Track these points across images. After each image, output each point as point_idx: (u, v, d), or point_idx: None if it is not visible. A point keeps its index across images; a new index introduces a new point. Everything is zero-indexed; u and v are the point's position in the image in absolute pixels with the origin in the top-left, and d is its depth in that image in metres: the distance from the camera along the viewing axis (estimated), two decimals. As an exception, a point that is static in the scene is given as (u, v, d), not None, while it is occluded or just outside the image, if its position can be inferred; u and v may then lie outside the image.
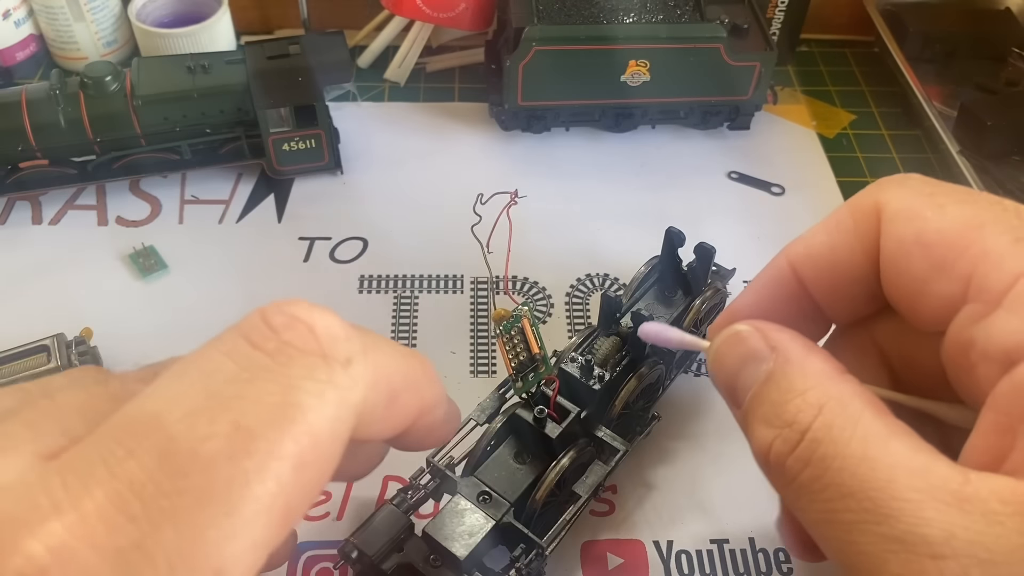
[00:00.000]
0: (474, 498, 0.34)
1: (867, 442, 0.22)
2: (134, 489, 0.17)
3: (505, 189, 0.55)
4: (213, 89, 0.52)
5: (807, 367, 0.25)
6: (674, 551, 0.39)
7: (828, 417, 0.23)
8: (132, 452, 0.17)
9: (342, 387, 0.20)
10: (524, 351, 0.35)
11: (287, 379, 0.19)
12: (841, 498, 0.22)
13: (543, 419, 0.35)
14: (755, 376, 0.26)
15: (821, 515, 0.23)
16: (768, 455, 0.24)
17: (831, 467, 0.22)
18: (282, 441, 0.18)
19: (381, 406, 0.23)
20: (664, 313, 0.42)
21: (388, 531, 0.32)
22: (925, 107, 0.57)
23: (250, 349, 0.20)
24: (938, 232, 0.24)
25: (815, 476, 0.23)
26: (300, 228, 0.53)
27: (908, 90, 0.59)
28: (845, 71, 0.67)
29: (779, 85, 0.65)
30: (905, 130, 0.61)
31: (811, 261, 0.28)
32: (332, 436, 0.20)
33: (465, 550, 0.32)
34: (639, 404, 0.39)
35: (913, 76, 0.59)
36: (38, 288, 0.49)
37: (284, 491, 0.18)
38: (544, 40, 0.54)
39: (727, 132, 0.60)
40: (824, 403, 0.23)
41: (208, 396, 0.18)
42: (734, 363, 0.27)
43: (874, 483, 0.21)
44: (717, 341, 0.28)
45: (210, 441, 0.18)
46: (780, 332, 0.26)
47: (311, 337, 0.20)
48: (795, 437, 0.23)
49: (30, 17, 0.62)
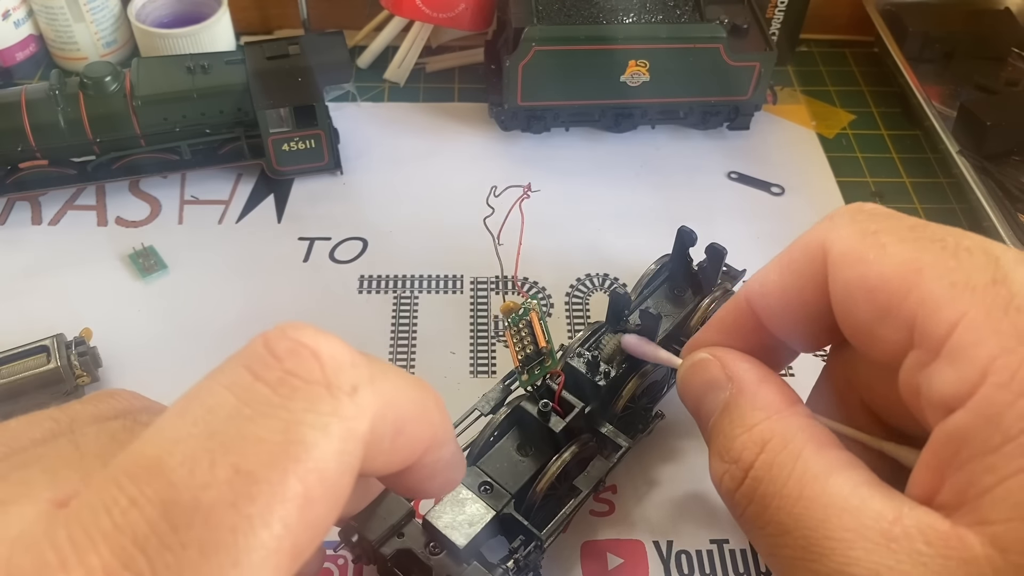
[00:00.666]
0: (475, 488, 0.35)
1: (803, 481, 0.23)
2: (138, 543, 0.16)
3: (517, 183, 0.55)
4: (213, 89, 0.52)
5: (758, 399, 0.26)
6: (674, 551, 0.39)
7: (769, 455, 0.24)
8: (135, 501, 0.17)
9: (348, 418, 0.20)
10: (531, 344, 0.35)
11: (290, 414, 0.19)
12: (781, 535, 0.23)
13: (547, 413, 0.36)
14: (715, 404, 0.27)
15: (766, 549, 0.24)
16: (720, 487, 0.26)
17: (770, 505, 0.23)
18: (286, 482, 0.18)
19: (388, 437, 0.22)
20: (672, 311, 0.42)
21: (389, 516, 0.32)
22: (925, 107, 0.57)
23: (252, 380, 0.19)
24: (880, 277, 0.24)
25: (757, 513, 0.24)
26: (300, 228, 0.53)
27: (908, 90, 0.59)
28: (845, 71, 0.67)
29: (779, 85, 0.65)
30: (905, 130, 0.61)
31: (765, 299, 0.29)
32: (339, 470, 0.19)
33: (464, 539, 0.32)
34: (643, 401, 0.39)
35: (913, 76, 0.59)
36: (38, 288, 0.49)
37: (291, 532, 0.18)
38: (544, 40, 0.54)
39: (727, 132, 0.60)
40: (768, 440, 0.24)
41: (209, 436, 0.18)
42: (697, 389, 0.28)
43: (808, 522, 0.22)
44: (683, 368, 0.29)
45: (211, 489, 0.17)
46: (738, 362, 0.27)
47: (316, 365, 0.20)
48: (740, 474, 0.25)
49: (30, 17, 0.62)
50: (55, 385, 0.41)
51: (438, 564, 0.32)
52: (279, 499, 0.18)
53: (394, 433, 0.22)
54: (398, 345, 0.46)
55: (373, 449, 0.21)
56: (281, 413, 0.19)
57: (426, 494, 0.28)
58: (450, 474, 0.27)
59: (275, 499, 0.18)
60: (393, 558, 0.32)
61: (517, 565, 0.33)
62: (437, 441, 0.24)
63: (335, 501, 0.19)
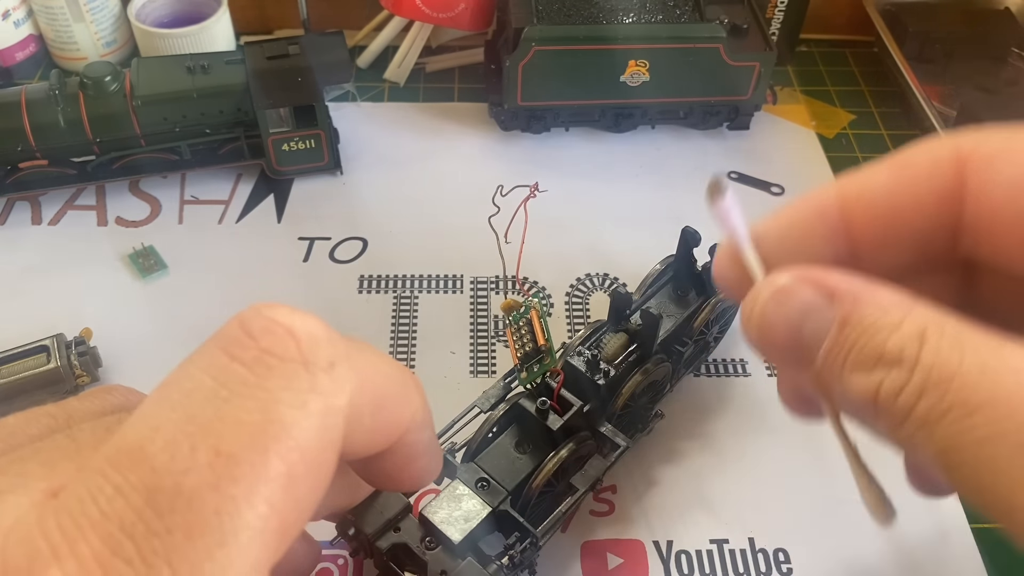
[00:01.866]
0: (472, 484, 0.35)
1: (980, 355, 0.21)
2: (125, 530, 0.17)
3: (518, 182, 0.55)
4: (212, 89, 0.52)
5: (885, 300, 0.23)
6: (674, 551, 0.39)
7: (933, 342, 0.21)
8: (119, 489, 0.17)
9: (326, 393, 0.20)
10: (530, 342, 0.36)
11: (267, 393, 0.19)
12: (968, 416, 0.20)
13: (545, 410, 0.36)
14: (821, 328, 0.23)
15: (946, 442, 0.21)
16: (876, 400, 0.22)
17: (950, 389, 0.21)
18: (267, 462, 0.18)
19: (368, 413, 0.22)
20: (676, 312, 0.42)
21: (386, 510, 0.32)
22: (924, 107, 0.57)
23: (228, 362, 0.19)
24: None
25: (933, 404, 0.21)
26: (300, 228, 0.53)
27: (908, 90, 0.59)
28: (844, 71, 0.67)
29: (778, 85, 0.65)
30: (905, 130, 0.61)
31: (867, 201, 0.25)
32: (321, 445, 0.19)
33: (460, 534, 0.33)
34: (643, 401, 0.39)
35: (913, 76, 0.59)
36: (38, 288, 0.49)
37: (276, 511, 0.18)
38: (544, 40, 0.54)
39: (727, 132, 0.60)
40: (923, 329, 0.22)
41: (188, 420, 0.18)
42: (791, 321, 0.24)
43: (1000, 392, 0.20)
44: (759, 304, 0.24)
45: (192, 473, 0.17)
46: (830, 275, 0.23)
47: (291, 343, 0.20)
48: (904, 374, 0.22)
49: (30, 17, 0.62)
50: (55, 385, 0.41)
51: (433, 558, 0.32)
52: (262, 479, 0.18)
53: (374, 409, 0.22)
54: (398, 345, 0.46)
55: (354, 425, 0.21)
56: (258, 393, 0.19)
57: (403, 483, 0.27)
58: (428, 461, 0.27)
59: (258, 479, 0.18)
60: (389, 552, 0.32)
61: (512, 561, 0.33)
62: (417, 422, 0.24)
63: (319, 478, 0.19)
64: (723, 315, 0.43)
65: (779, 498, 0.40)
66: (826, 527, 0.39)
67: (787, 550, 0.39)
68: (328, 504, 0.27)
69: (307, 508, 0.19)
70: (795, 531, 0.39)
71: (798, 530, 0.39)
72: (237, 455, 0.18)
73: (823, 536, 0.39)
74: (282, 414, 0.19)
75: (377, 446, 0.24)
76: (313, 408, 0.19)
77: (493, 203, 0.40)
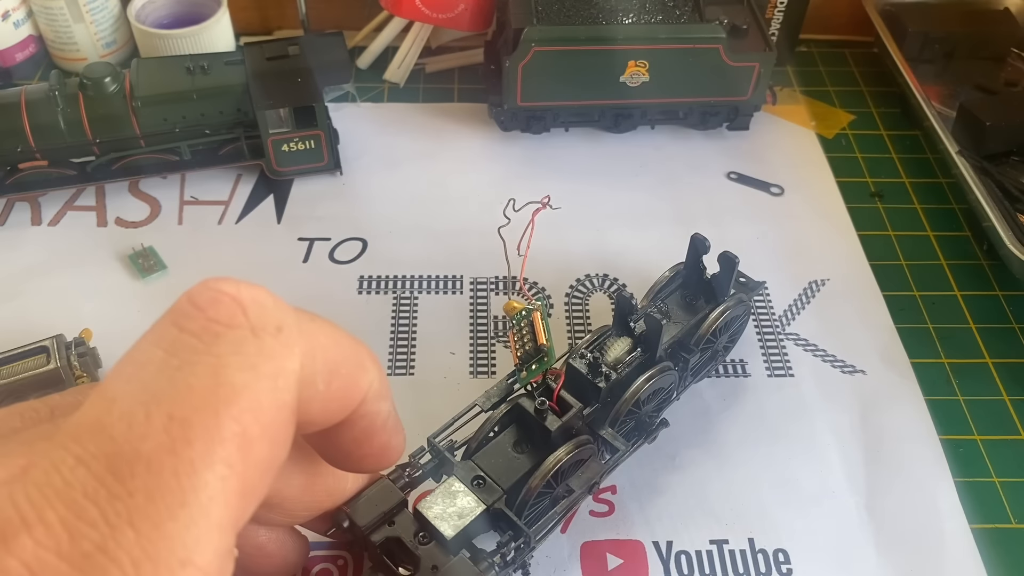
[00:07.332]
0: (468, 481, 0.35)
1: None
2: (88, 496, 0.17)
3: (528, 188, 0.55)
4: (212, 90, 0.52)
5: None
6: (674, 551, 0.39)
7: None
8: (80, 459, 0.18)
9: (275, 356, 0.20)
10: (530, 342, 0.36)
11: (216, 359, 0.19)
12: None
13: (544, 411, 0.36)
14: None
15: None
16: None
17: None
18: (220, 424, 0.19)
19: (321, 379, 0.22)
20: (684, 319, 0.42)
21: (381, 504, 0.33)
22: (924, 107, 0.57)
23: (178, 333, 0.20)
24: None
25: None
26: (299, 229, 0.53)
27: (907, 90, 0.59)
28: (844, 71, 0.67)
29: (778, 85, 0.65)
30: (904, 130, 0.61)
31: None
32: (275, 407, 0.20)
33: (452, 530, 0.33)
34: (648, 408, 0.39)
35: (912, 76, 0.59)
36: (38, 289, 0.49)
37: (235, 472, 0.19)
38: (543, 41, 0.54)
39: (726, 132, 0.60)
40: None
41: (142, 390, 0.19)
42: None
43: None
44: None
45: (149, 438, 0.18)
46: None
47: (238, 310, 0.20)
48: None
49: (29, 18, 0.62)
50: (55, 386, 0.41)
51: (426, 553, 0.32)
52: (216, 440, 0.18)
53: (327, 376, 0.23)
54: (398, 345, 0.46)
55: (308, 391, 0.22)
56: (207, 359, 0.19)
57: (365, 461, 0.27)
58: (388, 437, 0.27)
59: (212, 441, 0.18)
60: (382, 545, 0.32)
61: (504, 560, 0.34)
62: (374, 390, 0.25)
63: (277, 440, 0.20)
64: (733, 324, 0.43)
65: (779, 498, 0.40)
66: (826, 528, 0.39)
67: (787, 550, 0.39)
68: (295, 500, 0.28)
69: (267, 471, 0.20)
70: (795, 531, 0.39)
71: (798, 530, 0.39)
72: (189, 418, 0.18)
73: (823, 536, 0.39)
74: (231, 377, 0.19)
75: (334, 415, 0.24)
76: (264, 371, 0.20)
77: (504, 215, 0.40)
